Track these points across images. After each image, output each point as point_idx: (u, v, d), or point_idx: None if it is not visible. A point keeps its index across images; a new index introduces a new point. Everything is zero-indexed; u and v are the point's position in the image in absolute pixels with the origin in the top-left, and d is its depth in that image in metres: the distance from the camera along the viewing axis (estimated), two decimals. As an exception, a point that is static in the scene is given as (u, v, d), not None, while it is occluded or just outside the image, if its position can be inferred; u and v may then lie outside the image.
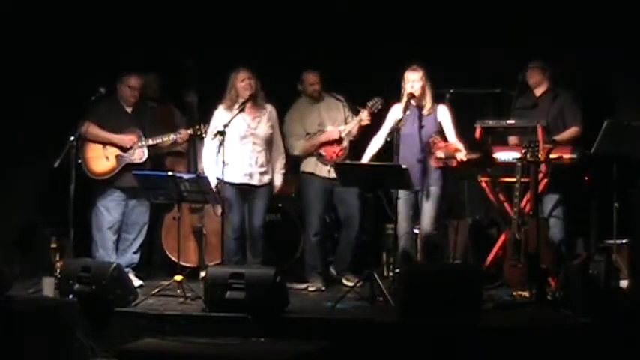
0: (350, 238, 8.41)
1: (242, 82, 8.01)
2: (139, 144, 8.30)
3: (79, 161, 8.09)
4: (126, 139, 8.27)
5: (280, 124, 8.31)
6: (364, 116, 8.14)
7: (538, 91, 8.17)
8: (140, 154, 8.30)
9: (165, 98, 8.97)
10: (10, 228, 8.85)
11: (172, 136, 8.38)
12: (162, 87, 8.93)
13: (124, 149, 8.27)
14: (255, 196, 8.10)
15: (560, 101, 8.08)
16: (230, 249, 8.10)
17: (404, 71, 7.74)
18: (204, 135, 8.28)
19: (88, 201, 8.37)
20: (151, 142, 8.31)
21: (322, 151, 8.31)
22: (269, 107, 8.15)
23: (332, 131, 8.29)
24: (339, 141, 8.27)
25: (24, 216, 8.98)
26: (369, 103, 8.12)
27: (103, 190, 8.31)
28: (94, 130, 8.21)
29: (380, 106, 8.05)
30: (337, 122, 8.35)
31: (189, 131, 8.38)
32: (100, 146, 8.28)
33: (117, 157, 8.28)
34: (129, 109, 8.42)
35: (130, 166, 8.24)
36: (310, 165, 8.35)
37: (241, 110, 7.98)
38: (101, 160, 8.27)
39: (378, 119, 8.03)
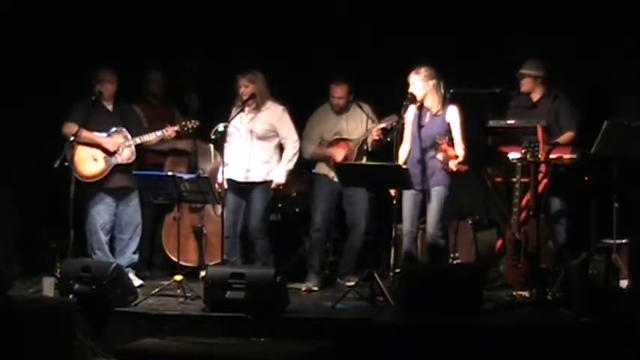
0: (353, 243, 8.42)
1: (240, 88, 8.11)
2: (126, 143, 8.27)
3: (66, 164, 8.01)
4: (111, 142, 8.23)
5: (299, 128, 8.33)
6: (374, 131, 8.18)
7: (534, 97, 8.14)
8: (128, 154, 8.27)
9: (168, 99, 8.96)
10: (10, 228, 8.85)
11: (159, 133, 8.34)
12: (166, 87, 8.92)
13: (109, 152, 8.23)
14: (251, 196, 8.11)
15: (556, 104, 8.05)
16: (225, 248, 8.13)
17: (404, 72, 7.74)
18: (190, 131, 8.37)
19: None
20: (138, 140, 8.28)
21: (330, 160, 8.38)
22: (271, 105, 8.13)
23: (338, 152, 8.34)
24: (347, 156, 8.32)
25: (24, 216, 8.98)
26: (383, 121, 8.14)
27: (93, 195, 8.23)
28: (85, 132, 8.14)
29: (394, 124, 7.99)
30: (356, 133, 8.37)
31: (176, 127, 8.37)
32: (86, 147, 8.20)
33: (105, 157, 8.23)
34: (109, 107, 8.37)
35: (119, 167, 8.22)
36: (323, 167, 8.44)
37: (241, 110, 8.09)
38: (89, 161, 8.21)
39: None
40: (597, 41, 8.40)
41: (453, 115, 7.69)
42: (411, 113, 7.74)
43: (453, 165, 7.52)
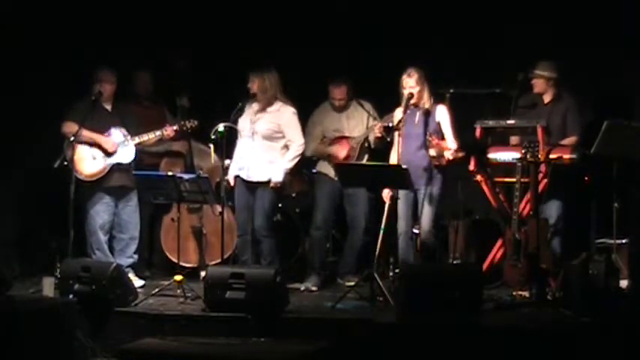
0: (353, 242, 8.45)
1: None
2: (125, 143, 8.27)
3: (66, 163, 8.01)
4: (110, 142, 8.22)
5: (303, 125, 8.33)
6: (376, 129, 8.20)
7: (546, 98, 8.09)
8: (127, 153, 8.27)
9: (158, 100, 8.94)
10: (10, 228, 8.85)
11: (158, 133, 8.34)
12: (155, 87, 8.90)
13: (109, 152, 8.23)
14: (257, 196, 8.10)
15: (564, 107, 8.01)
16: (237, 246, 8.23)
17: (403, 71, 7.75)
18: (189, 131, 8.39)
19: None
20: (137, 139, 8.29)
21: (330, 158, 8.43)
22: (281, 107, 8.09)
23: (340, 150, 8.39)
24: (346, 158, 8.36)
25: (24, 216, 8.98)
26: (385, 119, 8.16)
27: (92, 194, 8.23)
28: (85, 132, 8.14)
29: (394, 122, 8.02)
30: (356, 130, 8.41)
31: (175, 127, 8.38)
32: (86, 146, 8.19)
33: (104, 156, 8.22)
34: (108, 107, 8.37)
35: (118, 166, 8.21)
36: (324, 166, 8.47)
37: (241, 109, 8.10)
38: (89, 160, 8.20)
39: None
40: (597, 41, 8.39)
41: (442, 113, 7.75)
42: (397, 116, 7.77)
43: (448, 154, 7.55)
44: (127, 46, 9.01)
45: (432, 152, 7.64)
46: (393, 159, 7.77)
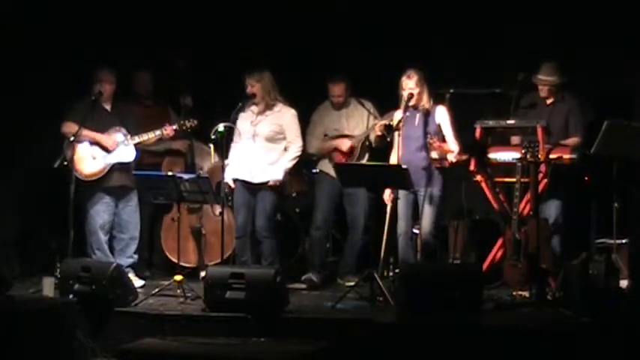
0: (353, 242, 8.46)
1: (246, 88, 8.10)
2: (125, 142, 8.27)
3: (66, 164, 8.02)
4: (111, 140, 8.23)
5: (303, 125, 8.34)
6: (377, 128, 8.21)
7: (549, 100, 8.07)
8: (127, 153, 8.27)
9: (160, 99, 8.94)
10: (10, 228, 8.85)
11: (157, 132, 8.34)
12: (156, 87, 8.89)
13: (109, 149, 8.24)
14: (258, 197, 8.11)
15: (566, 108, 8.00)
16: (236, 248, 8.23)
17: (402, 71, 7.75)
18: (189, 130, 8.40)
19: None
20: (137, 139, 8.29)
21: (333, 155, 8.42)
22: (280, 107, 8.12)
23: (344, 141, 8.39)
24: (350, 150, 8.35)
25: (24, 216, 8.98)
26: (385, 117, 8.17)
27: (92, 194, 8.23)
28: (85, 131, 8.14)
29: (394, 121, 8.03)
30: (357, 130, 8.42)
31: (175, 127, 8.38)
32: (86, 146, 8.19)
33: (104, 156, 8.23)
34: (108, 107, 8.37)
35: (118, 166, 8.21)
36: (325, 165, 8.48)
37: (240, 110, 8.10)
38: (89, 160, 8.20)
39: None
40: (597, 41, 8.39)
41: (442, 115, 7.76)
42: (397, 116, 7.78)
43: (452, 157, 7.58)
44: (127, 46, 9.02)
45: (434, 154, 7.65)
46: (393, 160, 7.77)
